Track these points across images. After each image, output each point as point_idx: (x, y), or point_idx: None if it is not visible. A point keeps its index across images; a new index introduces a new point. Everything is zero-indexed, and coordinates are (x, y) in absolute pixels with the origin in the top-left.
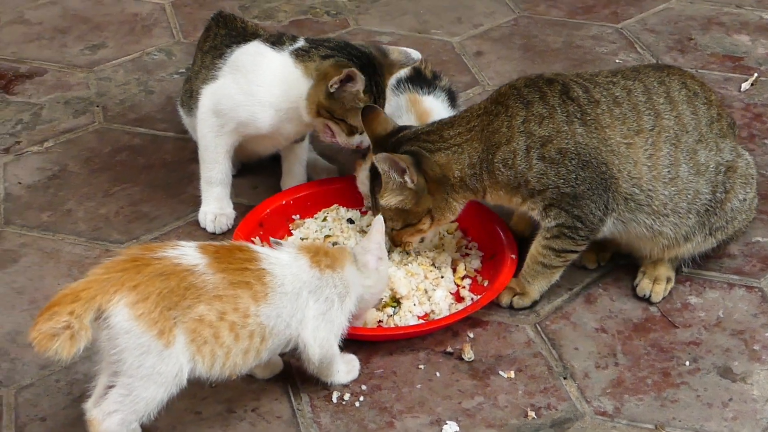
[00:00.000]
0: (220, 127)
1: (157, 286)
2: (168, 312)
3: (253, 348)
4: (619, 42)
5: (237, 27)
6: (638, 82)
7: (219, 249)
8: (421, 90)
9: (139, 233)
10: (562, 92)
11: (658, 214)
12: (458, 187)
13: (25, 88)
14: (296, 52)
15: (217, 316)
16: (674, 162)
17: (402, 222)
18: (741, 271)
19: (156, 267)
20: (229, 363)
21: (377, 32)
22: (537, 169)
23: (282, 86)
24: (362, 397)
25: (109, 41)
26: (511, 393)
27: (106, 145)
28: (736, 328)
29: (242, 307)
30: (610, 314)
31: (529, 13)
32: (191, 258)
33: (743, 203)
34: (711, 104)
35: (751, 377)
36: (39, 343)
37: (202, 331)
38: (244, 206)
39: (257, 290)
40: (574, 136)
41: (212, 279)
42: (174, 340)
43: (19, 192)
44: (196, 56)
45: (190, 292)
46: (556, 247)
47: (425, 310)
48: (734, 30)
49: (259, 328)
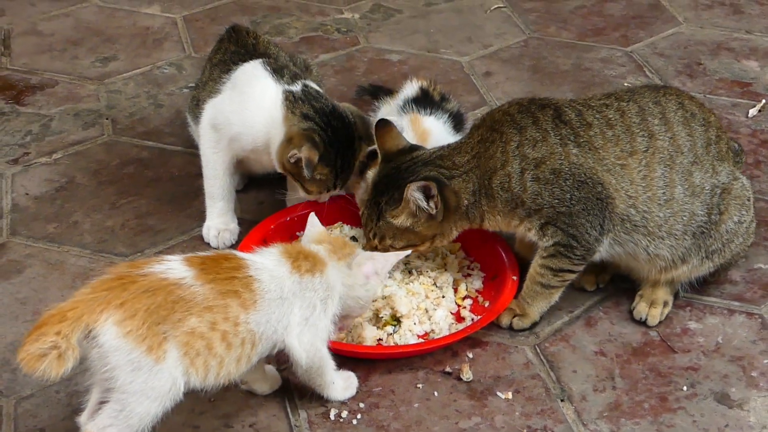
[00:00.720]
0: (217, 142)
1: (143, 302)
2: (156, 327)
3: (244, 355)
4: (628, 65)
5: (248, 44)
6: (633, 103)
7: (205, 260)
8: (424, 110)
9: (144, 246)
10: (554, 116)
11: (654, 235)
12: (462, 214)
13: (36, 99)
14: (287, 95)
15: (209, 326)
16: (669, 183)
17: (405, 242)
18: (742, 298)
19: (142, 283)
20: (222, 372)
21: (387, 50)
22: (532, 191)
23: (265, 116)
24: (360, 415)
25: (120, 54)
26: (508, 414)
27: (114, 158)
28: (734, 354)
29: (232, 316)
30: (609, 338)
31: (540, 35)
32: (177, 271)
33: (739, 226)
34: (709, 126)
35: (748, 404)
36: (27, 363)
37: (194, 343)
38: (249, 222)
39: (246, 298)
40: (568, 156)
41: (201, 290)
42: (165, 355)
43: (26, 203)
44: (206, 67)
45: (179, 306)
46: (553, 266)
47: (425, 330)
48: (743, 56)
49: (250, 335)
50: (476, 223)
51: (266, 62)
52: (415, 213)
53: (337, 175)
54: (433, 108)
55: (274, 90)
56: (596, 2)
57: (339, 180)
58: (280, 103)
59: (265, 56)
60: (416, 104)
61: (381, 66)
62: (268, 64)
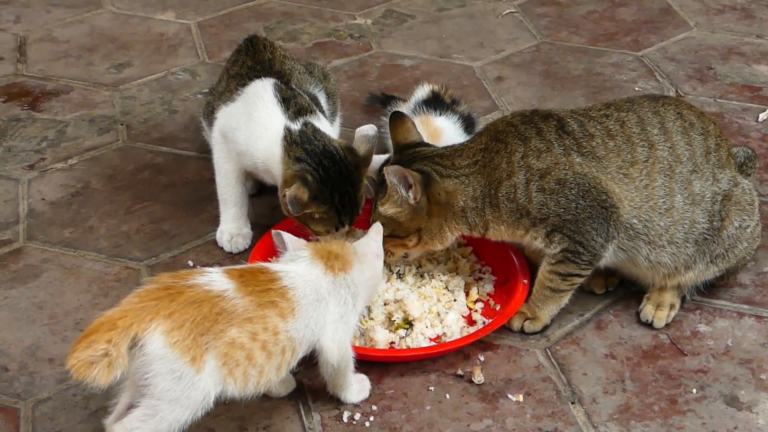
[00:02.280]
0: (228, 151)
1: (190, 313)
2: (201, 338)
3: (285, 362)
4: (639, 70)
5: (264, 59)
6: (632, 113)
7: (243, 273)
8: (435, 111)
9: (159, 251)
10: (558, 127)
11: (655, 244)
12: (458, 217)
13: (52, 105)
14: (286, 134)
15: (249, 337)
16: (669, 192)
17: (389, 230)
18: (751, 301)
19: (189, 294)
20: (263, 380)
21: (399, 56)
22: (537, 201)
23: (266, 146)
24: (372, 417)
25: (134, 60)
26: (519, 416)
27: (129, 164)
28: (744, 357)
29: (271, 326)
30: (619, 340)
31: (551, 40)
32: (220, 284)
33: (741, 230)
34: (708, 135)
35: (757, 406)
36: (78, 370)
37: (234, 354)
38: (263, 226)
39: (283, 307)
40: (572, 166)
41: (242, 303)
42: (204, 365)
43: (42, 208)
44: (222, 76)
45: (222, 317)
46: (562, 271)
47: (437, 333)
48: (754, 60)
49: (290, 343)
50: (478, 231)
51: (278, 87)
52: (398, 203)
53: (340, 212)
54: (444, 109)
55: (279, 122)
56: (608, 7)
57: (344, 216)
58: (280, 140)
59: (280, 75)
60: (427, 106)
61: (393, 71)
62: (279, 91)
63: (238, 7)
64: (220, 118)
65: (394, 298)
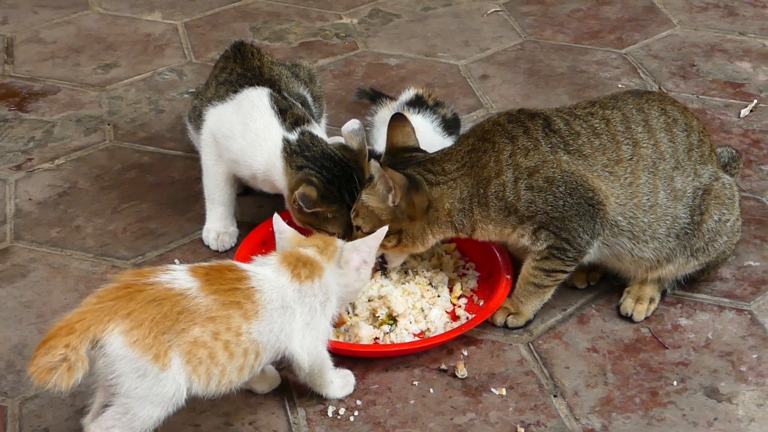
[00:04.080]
0: (218, 156)
1: (150, 312)
2: (162, 336)
3: (247, 365)
4: (622, 67)
5: (253, 66)
6: (617, 111)
7: (209, 270)
8: (413, 110)
9: (146, 250)
10: (544, 126)
11: (638, 239)
12: (442, 221)
13: (39, 105)
14: (286, 145)
15: (212, 336)
16: (653, 189)
17: (370, 227)
18: (732, 294)
19: (149, 293)
20: (224, 380)
21: (385, 55)
22: (526, 199)
23: (265, 158)
24: (357, 412)
25: (121, 61)
26: (502, 410)
27: (115, 163)
28: (724, 349)
29: (234, 326)
30: (601, 334)
31: (536, 38)
32: (183, 282)
33: (720, 224)
34: (691, 131)
35: (737, 398)
36: (38, 376)
37: (197, 352)
38: (249, 224)
39: (248, 308)
40: (560, 164)
41: (205, 301)
42: (170, 363)
43: (29, 208)
44: (211, 83)
45: (184, 316)
46: (547, 267)
47: (421, 328)
48: (737, 57)
49: (253, 345)
50: (465, 232)
51: (274, 98)
52: (380, 199)
53: (351, 209)
54: (423, 108)
55: (277, 133)
56: (592, 5)
57: None
58: (279, 152)
59: (271, 82)
60: (408, 105)
61: (379, 70)
62: (276, 102)
63: (225, 7)
64: (209, 120)
65: (378, 294)
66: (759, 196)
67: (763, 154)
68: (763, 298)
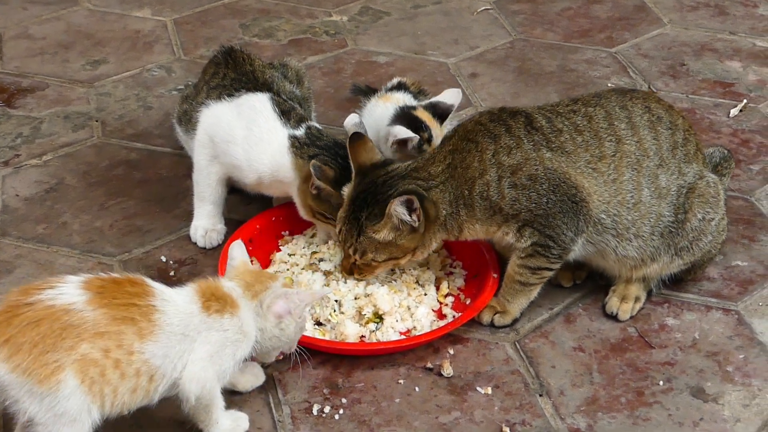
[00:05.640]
0: (213, 157)
1: (27, 335)
2: (44, 357)
3: (140, 387)
4: (612, 66)
5: (246, 71)
6: (599, 108)
7: (106, 283)
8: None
9: (132, 246)
10: (526, 123)
11: (622, 237)
12: (439, 225)
13: (27, 102)
14: (293, 140)
15: (101, 353)
16: (637, 187)
17: (387, 255)
18: (719, 294)
19: (26, 315)
20: (117, 401)
21: (375, 52)
22: (509, 197)
23: (272, 160)
24: (342, 410)
25: (110, 57)
26: (487, 409)
27: (103, 160)
28: (710, 349)
29: (126, 344)
30: (588, 334)
31: (526, 36)
32: (68, 296)
33: (705, 223)
34: (676, 129)
35: (723, 398)
36: None
37: (88, 369)
38: (236, 222)
39: (143, 327)
40: (542, 162)
41: (92, 315)
42: (59, 384)
43: (16, 204)
44: (202, 89)
45: (68, 332)
46: (532, 265)
47: (407, 327)
48: (727, 56)
49: (146, 366)
50: (454, 234)
51: (275, 101)
52: (398, 227)
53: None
54: (405, 91)
55: (280, 135)
56: (582, 4)
57: None
58: (286, 150)
59: (266, 86)
60: (389, 90)
61: (368, 68)
62: (277, 105)
63: (215, 4)
64: (205, 119)
65: (364, 293)
66: (747, 195)
67: (752, 153)
68: (751, 298)
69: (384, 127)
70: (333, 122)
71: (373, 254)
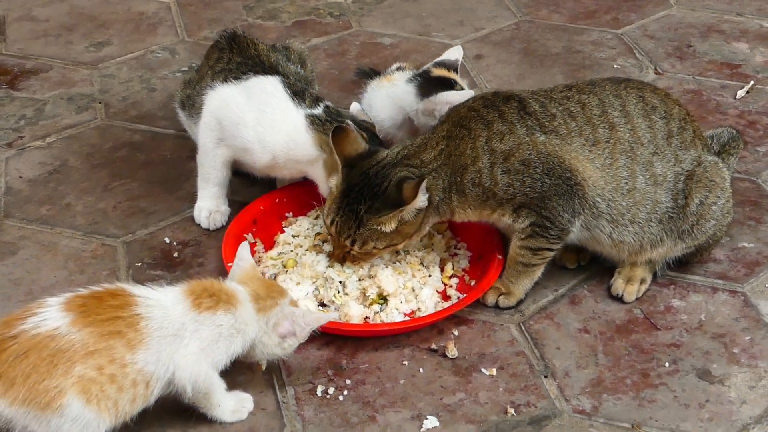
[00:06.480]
0: (220, 140)
1: (18, 368)
2: (41, 384)
3: (139, 395)
4: (618, 48)
5: (251, 55)
6: (593, 96)
7: (87, 301)
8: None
9: (136, 228)
10: (519, 108)
11: (617, 223)
12: (432, 209)
13: (30, 84)
14: (312, 119)
15: (96, 371)
16: (631, 174)
17: (387, 242)
18: (725, 276)
19: (12, 349)
20: (120, 413)
21: (379, 34)
22: (503, 183)
23: (287, 140)
24: (346, 391)
25: (114, 39)
26: (492, 390)
27: (106, 141)
28: (717, 331)
29: (118, 357)
30: (593, 315)
31: (531, 18)
32: (51, 321)
33: (704, 207)
34: (671, 118)
35: (729, 379)
36: None
37: (90, 388)
38: (240, 203)
39: (131, 337)
40: (536, 146)
41: (78, 336)
42: (65, 406)
43: (20, 186)
44: (206, 73)
45: (58, 358)
46: (532, 246)
47: (411, 308)
48: (734, 38)
49: (141, 375)
50: (446, 217)
51: (286, 83)
52: (411, 215)
53: None
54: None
55: (295, 116)
56: None
57: None
58: (304, 129)
59: (274, 69)
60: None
61: (373, 49)
62: (288, 86)
63: None
64: (211, 102)
65: (368, 274)
66: (754, 177)
67: (759, 135)
68: (757, 279)
69: (410, 101)
70: (337, 104)
71: (374, 243)
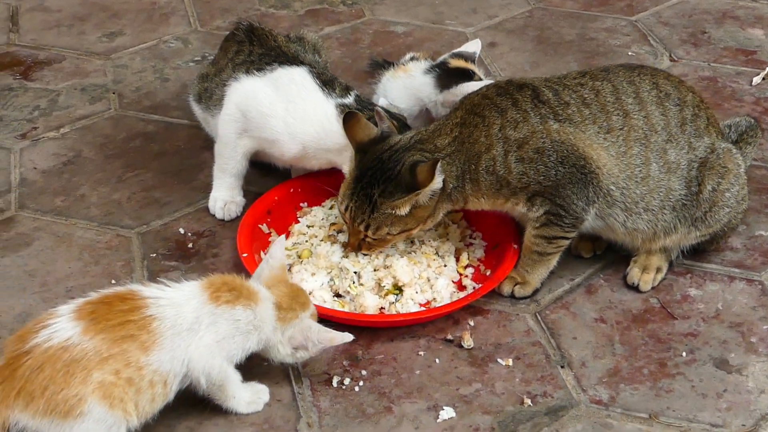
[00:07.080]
0: (244, 131)
1: (37, 382)
2: (60, 395)
3: (158, 394)
4: (632, 35)
5: (272, 46)
6: (607, 83)
7: (97, 307)
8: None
9: (150, 219)
10: (533, 96)
11: (631, 211)
12: (445, 196)
13: (44, 74)
14: (343, 108)
15: (114, 376)
16: (645, 161)
17: (401, 227)
18: (742, 265)
19: (27, 364)
20: (141, 413)
21: (392, 22)
22: (517, 171)
23: (318, 130)
24: (362, 382)
25: (126, 29)
26: (508, 380)
27: (120, 132)
28: (734, 320)
29: (133, 360)
30: (609, 305)
31: (545, 5)
32: (63, 332)
33: (717, 194)
34: (684, 105)
35: (747, 369)
36: None
37: (111, 392)
38: (254, 194)
39: (144, 340)
40: (549, 134)
41: (90, 344)
42: (87, 412)
43: (34, 177)
44: (226, 65)
45: (73, 368)
46: (547, 234)
47: (427, 298)
48: (749, 24)
49: (157, 375)
50: (459, 205)
51: (314, 73)
52: (427, 197)
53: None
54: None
55: (326, 106)
56: None
57: None
58: (335, 119)
59: (297, 60)
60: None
61: (386, 38)
62: (317, 76)
63: None
64: (236, 93)
65: (383, 264)
66: None
67: None
68: None
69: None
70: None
71: (388, 228)
